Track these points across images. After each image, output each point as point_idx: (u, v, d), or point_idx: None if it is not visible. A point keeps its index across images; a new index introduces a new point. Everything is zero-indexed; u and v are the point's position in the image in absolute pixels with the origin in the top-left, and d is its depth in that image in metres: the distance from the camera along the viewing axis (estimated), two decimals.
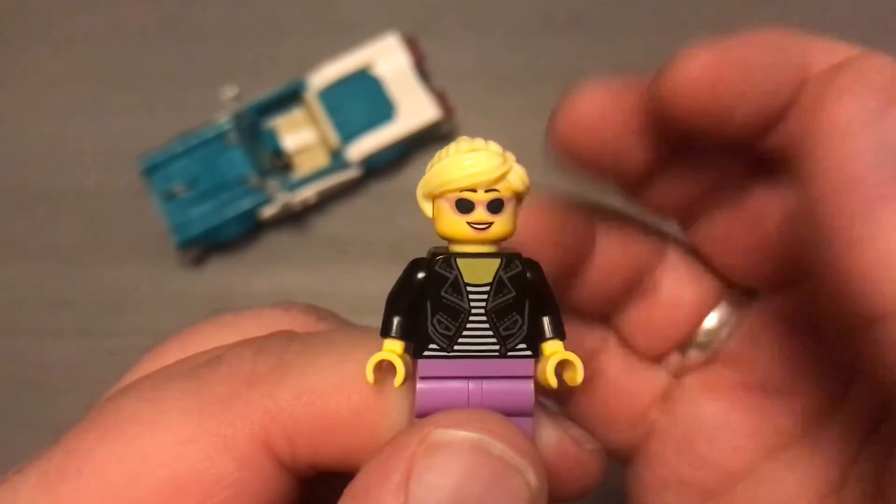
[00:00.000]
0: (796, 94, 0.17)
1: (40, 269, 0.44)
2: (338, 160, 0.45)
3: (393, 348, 0.15)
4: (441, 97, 0.45)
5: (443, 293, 0.15)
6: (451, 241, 0.16)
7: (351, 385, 0.15)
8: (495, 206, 0.15)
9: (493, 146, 0.16)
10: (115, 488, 0.14)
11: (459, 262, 0.15)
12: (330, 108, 0.45)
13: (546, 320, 0.16)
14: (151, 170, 0.44)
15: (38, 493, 0.14)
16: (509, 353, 0.15)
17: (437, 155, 0.16)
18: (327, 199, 0.45)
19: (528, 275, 0.16)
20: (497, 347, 0.15)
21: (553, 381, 0.15)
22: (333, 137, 0.45)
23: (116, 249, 0.45)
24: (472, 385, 0.15)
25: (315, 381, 0.15)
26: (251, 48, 0.49)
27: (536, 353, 0.16)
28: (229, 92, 0.44)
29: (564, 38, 0.49)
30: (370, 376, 0.15)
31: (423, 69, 0.46)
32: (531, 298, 0.16)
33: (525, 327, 0.15)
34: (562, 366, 0.16)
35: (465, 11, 0.49)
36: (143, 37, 0.49)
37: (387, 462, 0.13)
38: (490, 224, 0.15)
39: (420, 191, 0.16)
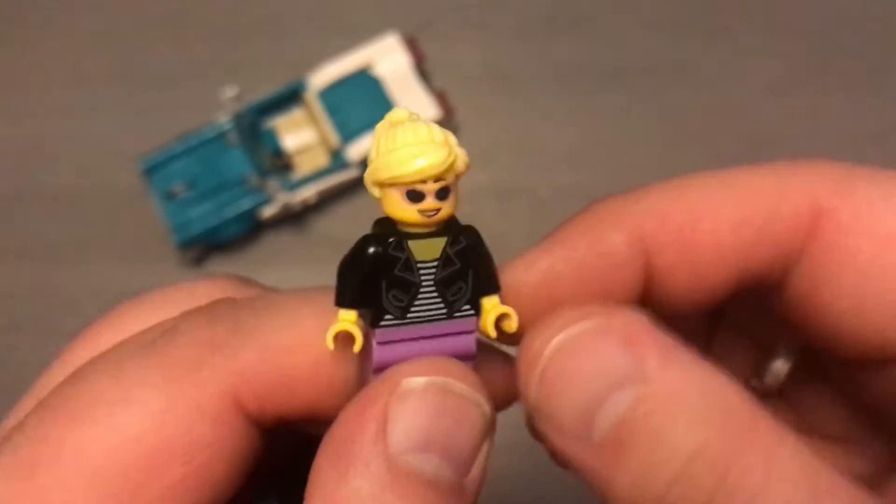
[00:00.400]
0: None
1: (40, 269, 0.44)
2: (338, 160, 0.45)
3: (349, 318, 0.16)
4: (441, 97, 0.45)
5: (396, 271, 0.16)
6: (400, 223, 0.17)
7: (309, 341, 0.16)
8: (443, 194, 0.16)
9: (436, 132, 0.16)
10: (98, 469, 0.15)
11: (410, 244, 0.17)
12: (330, 108, 0.45)
13: (483, 279, 0.17)
14: (152, 170, 0.44)
15: (16, 487, 0.14)
16: (455, 315, 0.17)
17: (380, 137, 0.17)
18: (327, 199, 0.45)
19: (468, 243, 0.17)
20: (445, 311, 0.17)
21: (492, 332, 0.17)
22: (333, 137, 0.45)
23: (116, 249, 0.45)
24: (422, 344, 0.17)
25: (275, 339, 0.16)
26: (251, 48, 0.49)
27: (478, 311, 0.17)
28: (229, 92, 0.44)
29: (565, 38, 0.49)
30: (330, 344, 0.16)
31: (422, 69, 0.46)
32: (473, 266, 0.17)
33: (469, 291, 0.17)
34: (500, 318, 0.17)
35: (465, 11, 0.49)
36: (143, 37, 0.49)
37: (363, 413, 0.15)
38: (439, 210, 0.16)
39: (369, 178, 0.17)
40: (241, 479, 0.17)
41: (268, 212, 0.43)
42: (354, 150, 0.44)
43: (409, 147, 0.16)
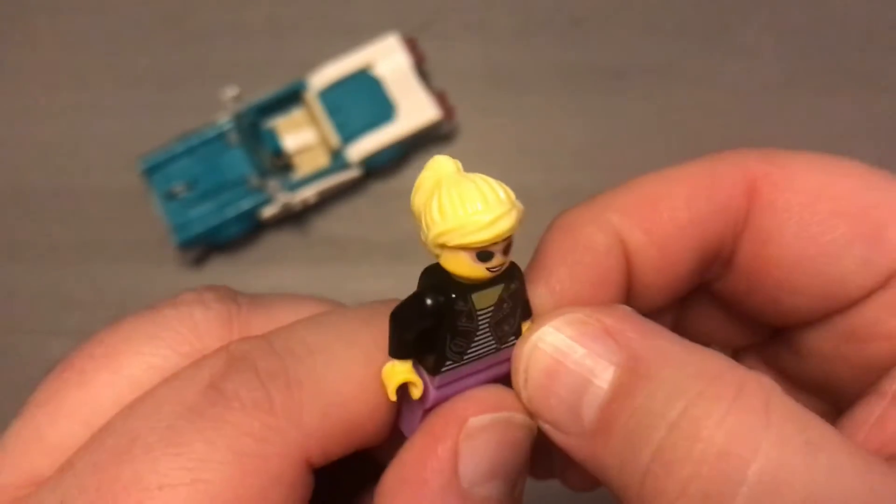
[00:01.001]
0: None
1: (40, 269, 0.44)
2: (338, 160, 0.45)
3: (406, 368, 0.17)
4: (441, 97, 0.45)
5: (459, 323, 0.17)
6: (462, 278, 0.17)
7: (366, 390, 0.17)
8: (508, 249, 0.17)
9: (498, 191, 0.16)
10: None
11: (473, 296, 0.17)
12: (330, 109, 0.45)
13: (524, 311, 0.18)
14: (152, 170, 0.44)
15: None
16: (502, 347, 0.18)
17: (438, 196, 0.16)
18: (327, 199, 0.45)
19: (518, 284, 0.17)
20: (495, 346, 0.18)
21: None
22: (333, 138, 0.45)
23: (117, 249, 0.45)
24: (474, 378, 0.17)
25: (334, 395, 0.16)
26: (252, 49, 0.49)
27: (518, 336, 0.18)
28: (230, 92, 0.44)
29: (565, 39, 0.49)
30: (393, 396, 0.17)
31: (422, 69, 0.46)
32: (520, 303, 0.18)
33: (516, 324, 0.18)
34: None
35: (464, 12, 0.49)
36: (143, 37, 0.49)
37: (434, 451, 0.16)
38: (503, 264, 0.17)
39: (434, 241, 0.16)
40: None
41: (268, 212, 0.43)
42: (354, 151, 0.44)
43: (482, 214, 0.16)
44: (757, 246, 0.19)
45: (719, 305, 0.22)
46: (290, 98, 0.46)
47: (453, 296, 0.16)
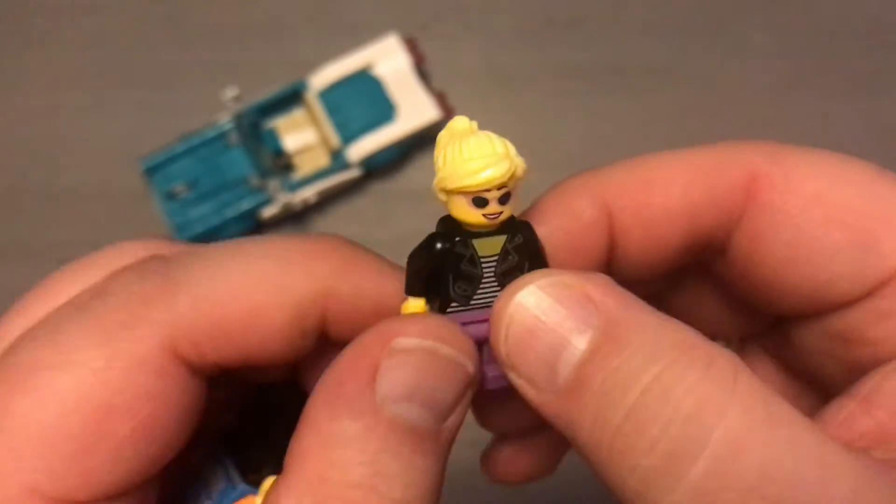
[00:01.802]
0: None
1: (40, 269, 0.44)
2: (338, 160, 0.45)
3: (419, 304, 0.18)
4: (441, 97, 0.45)
5: (461, 266, 0.18)
6: (465, 224, 0.18)
7: (240, 290, 0.17)
8: (504, 199, 0.18)
9: (497, 143, 0.18)
10: (47, 434, 0.15)
11: (475, 241, 0.18)
12: (330, 109, 0.45)
13: (534, 269, 0.19)
14: (153, 170, 0.44)
15: None
16: None
17: (445, 147, 0.18)
18: (327, 199, 0.45)
19: (524, 239, 0.19)
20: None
21: None
22: (334, 138, 0.45)
23: None
24: (479, 326, 0.18)
25: (207, 290, 0.17)
26: (252, 49, 0.49)
27: None
28: (230, 92, 0.44)
29: (564, 38, 0.49)
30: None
31: (422, 70, 0.46)
32: (528, 258, 0.19)
33: None
34: None
35: (464, 12, 0.49)
36: (144, 38, 0.50)
37: (356, 362, 0.16)
38: (501, 213, 0.18)
39: (437, 186, 0.18)
40: (190, 430, 0.18)
41: (268, 212, 0.44)
42: (355, 151, 0.44)
43: (475, 160, 0.18)
44: (749, 243, 0.19)
45: (722, 293, 0.23)
46: (291, 98, 0.46)
47: (456, 238, 0.18)
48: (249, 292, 0.17)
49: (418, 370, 0.16)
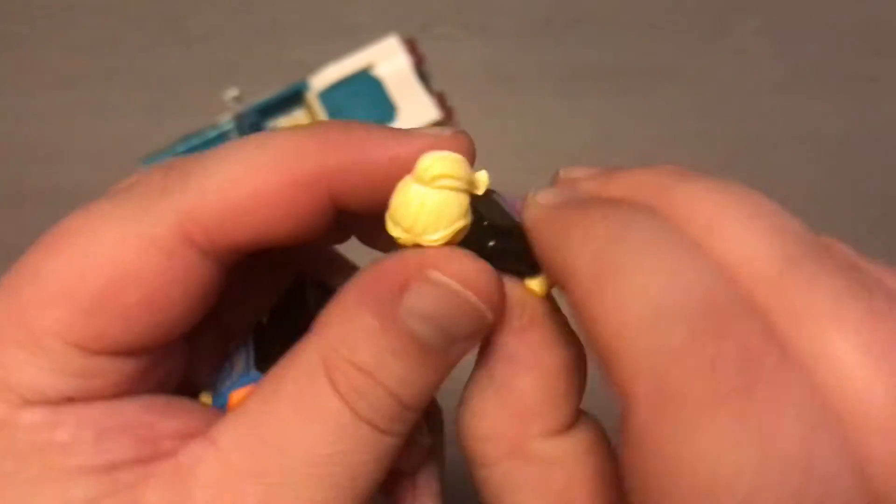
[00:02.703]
0: None
1: None
2: None
3: (535, 283, 0.19)
4: (441, 98, 0.45)
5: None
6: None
7: (244, 177, 0.18)
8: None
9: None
10: (69, 288, 0.18)
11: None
12: (331, 110, 0.45)
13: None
14: None
15: (3, 301, 0.18)
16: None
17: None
18: None
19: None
20: None
21: None
22: None
23: None
24: None
25: (215, 177, 0.18)
26: (253, 50, 0.49)
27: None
28: (231, 93, 0.44)
29: (564, 39, 0.49)
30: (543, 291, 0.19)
31: (422, 70, 0.46)
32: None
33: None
34: None
35: (464, 13, 0.50)
36: (145, 38, 0.50)
37: (394, 271, 0.18)
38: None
39: None
40: (201, 309, 0.19)
41: None
42: None
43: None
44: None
45: None
46: (292, 99, 0.46)
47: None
48: (249, 178, 0.18)
49: (442, 302, 0.17)
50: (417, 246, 0.18)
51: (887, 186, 0.46)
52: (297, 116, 0.46)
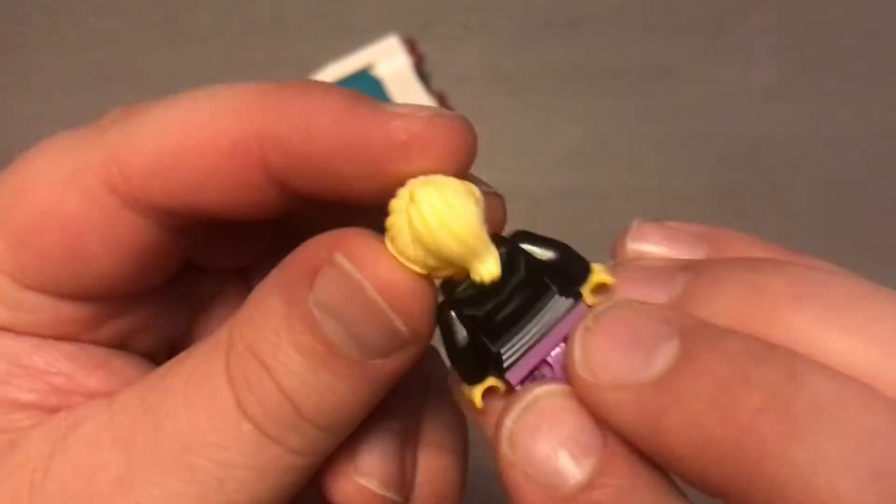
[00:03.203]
0: None
1: None
2: None
3: (489, 383, 0.16)
4: (441, 98, 0.45)
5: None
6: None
7: (174, 128, 0.16)
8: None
9: None
10: (6, 217, 0.17)
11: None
12: None
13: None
14: None
15: None
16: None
17: None
18: None
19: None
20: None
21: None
22: None
23: None
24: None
25: (147, 126, 0.17)
26: (252, 49, 0.49)
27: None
28: None
29: (563, 40, 0.49)
30: (479, 403, 0.16)
31: (422, 70, 0.46)
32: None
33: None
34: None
35: (464, 13, 0.49)
36: (144, 38, 0.50)
37: (309, 255, 0.15)
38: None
39: None
40: (141, 266, 0.18)
41: None
42: None
43: None
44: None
45: None
46: None
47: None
48: (177, 131, 0.16)
49: (344, 294, 0.15)
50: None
51: (887, 186, 0.46)
52: None
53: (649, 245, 0.17)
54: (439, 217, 0.14)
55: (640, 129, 0.47)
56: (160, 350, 0.20)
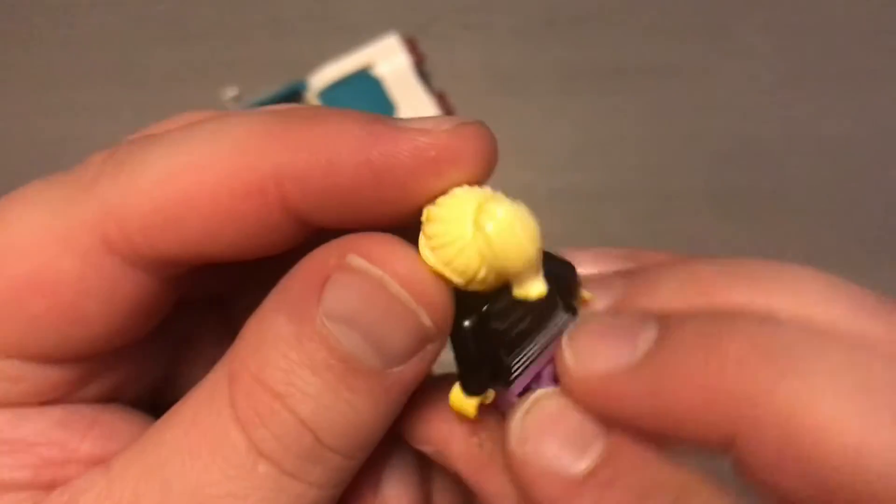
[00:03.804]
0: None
1: None
2: None
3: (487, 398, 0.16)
4: (441, 97, 0.45)
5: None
6: None
7: (177, 175, 0.15)
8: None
9: None
10: None
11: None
12: None
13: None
14: None
15: None
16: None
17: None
18: None
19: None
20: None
21: None
22: None
23: None
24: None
25: (145, 174, 0.15)
26: (252, 48, 0.49)
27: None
28: (230, 92, 0.44)
29: (564, 39, 0.49)
30: (475, 414, 0.16)
31: (422, 70, 0.46)
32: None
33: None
34: None
35: (464, 12, 0.49)
36: (144, 37, 0.50)
37: (310, 266, 0.14)
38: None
39: None
40: (137, 321, 0.16)
41: None
42: None
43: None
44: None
45: None
46: (291, 98, 0.46)
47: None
48: (182, 178, 0.15)
49: (363, 297, 0.14)
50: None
51: (887, 186, 0.46)
52: None
53: (581, 269, 0.17)
54: (513, 232, 0.14)
55: (640, 129, 0.47)
56: (145, 396, 0.19)
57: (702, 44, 0.49)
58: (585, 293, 0.17)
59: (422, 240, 0.15)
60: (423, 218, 0.15)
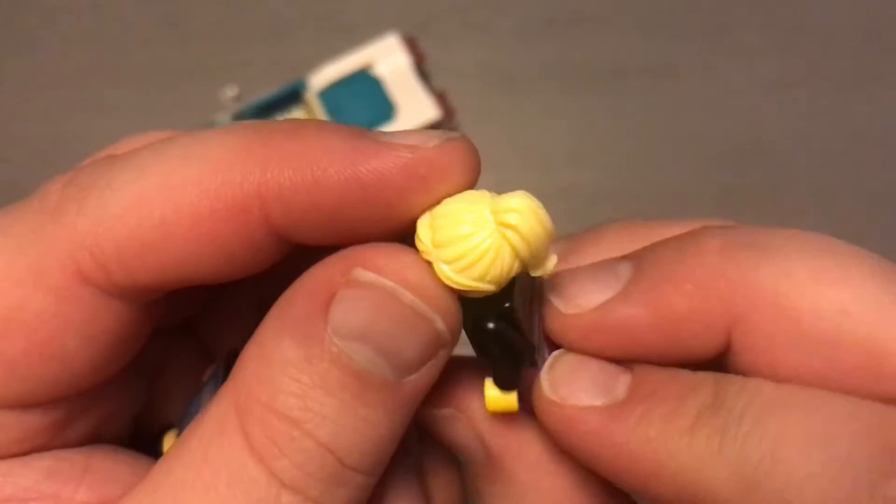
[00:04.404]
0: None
1: None
2: None
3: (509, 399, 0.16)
4: (441, 97, 0.45)
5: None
6: None
7: (152, 198, 0.14)
8: None
9: None
10: None
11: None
12: (330, 109, 0.45)
13: None
14: None
15: None
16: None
17: None
18: None
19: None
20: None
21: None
22: None
23: None
24: None
25: (116, 199, 0.14)
26: (252, 48, 0.49)
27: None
28: (230, 92, 0.44)
29: (564, 39, 0.49)
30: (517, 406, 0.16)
31: (422, 69, 0.46)
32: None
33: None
34: None
35: (465, 11, 0.49)
36: (143, 37, 0.49)
37: (313, 283, 0.14)
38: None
39: None
40: (116, 353, 0.16)
41: None
42: None
43: None
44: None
45: None
46: (291, 98, 0.46)
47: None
48: (158, 201, 0.14)
49: (374, 310, 0.14)
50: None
51: (887, 186, 0.46)
52: (296, 115, 0.46)
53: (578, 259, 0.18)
54: (535, 211, 0.15)
55: (640, 129, 0.47)
56: (125, 431, 0.18)
57: (702, 44, 0.49)
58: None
59: (438, 267, 0.15)
60: (430, 247, 0.15)
